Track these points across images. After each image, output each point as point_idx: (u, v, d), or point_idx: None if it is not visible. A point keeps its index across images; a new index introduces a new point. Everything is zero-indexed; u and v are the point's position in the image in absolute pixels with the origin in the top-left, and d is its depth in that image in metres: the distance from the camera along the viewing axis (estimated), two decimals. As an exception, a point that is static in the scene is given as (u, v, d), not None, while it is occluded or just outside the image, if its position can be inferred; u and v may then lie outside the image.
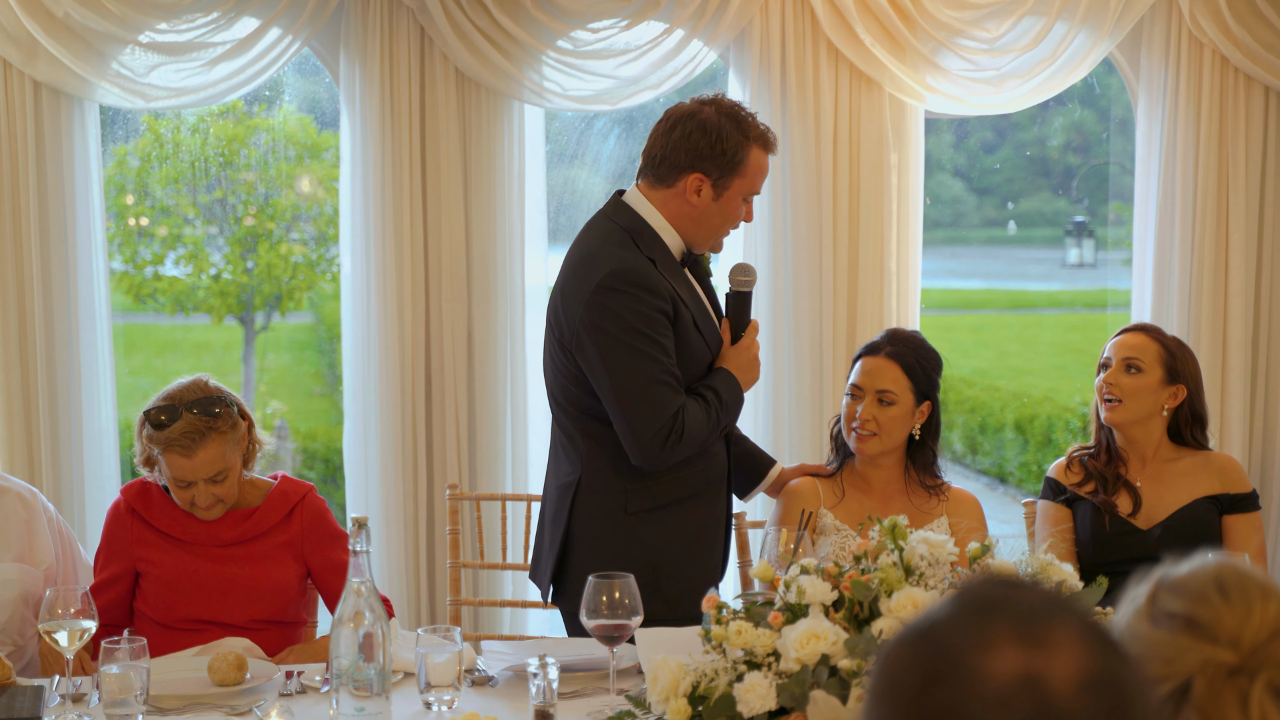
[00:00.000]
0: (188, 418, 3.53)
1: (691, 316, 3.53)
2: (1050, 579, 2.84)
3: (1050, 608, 1.34)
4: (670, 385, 3.44)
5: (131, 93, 4.87)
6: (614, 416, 3.46)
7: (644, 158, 3.58)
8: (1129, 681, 1.33)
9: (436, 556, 5.08)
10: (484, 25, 4.90)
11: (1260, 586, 1.73)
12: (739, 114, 3.52)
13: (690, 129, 3.49)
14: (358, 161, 4.99)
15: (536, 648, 3.48)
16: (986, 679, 1.29)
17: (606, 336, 3.43)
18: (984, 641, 1.31)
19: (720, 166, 3.50)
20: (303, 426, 8.81)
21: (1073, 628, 1.32)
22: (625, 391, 3.42)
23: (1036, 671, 1.29)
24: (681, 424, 3.44)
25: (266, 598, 3.65)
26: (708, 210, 3.54)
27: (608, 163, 5.92)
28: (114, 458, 5.05)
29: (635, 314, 3.42)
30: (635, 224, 3.53)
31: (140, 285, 8.52)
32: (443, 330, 5.03)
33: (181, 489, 3.58)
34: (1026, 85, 5.24)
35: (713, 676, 2.69)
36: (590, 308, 3.44)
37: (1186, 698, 1.69)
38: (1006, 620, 1.32)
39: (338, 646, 2.83)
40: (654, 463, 3.47)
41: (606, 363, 3.43)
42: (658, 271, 3.47)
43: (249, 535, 3.67)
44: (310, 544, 3.70)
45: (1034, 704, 1.28)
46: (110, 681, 2.92)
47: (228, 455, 3.57)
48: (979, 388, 10.37)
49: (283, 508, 3.70)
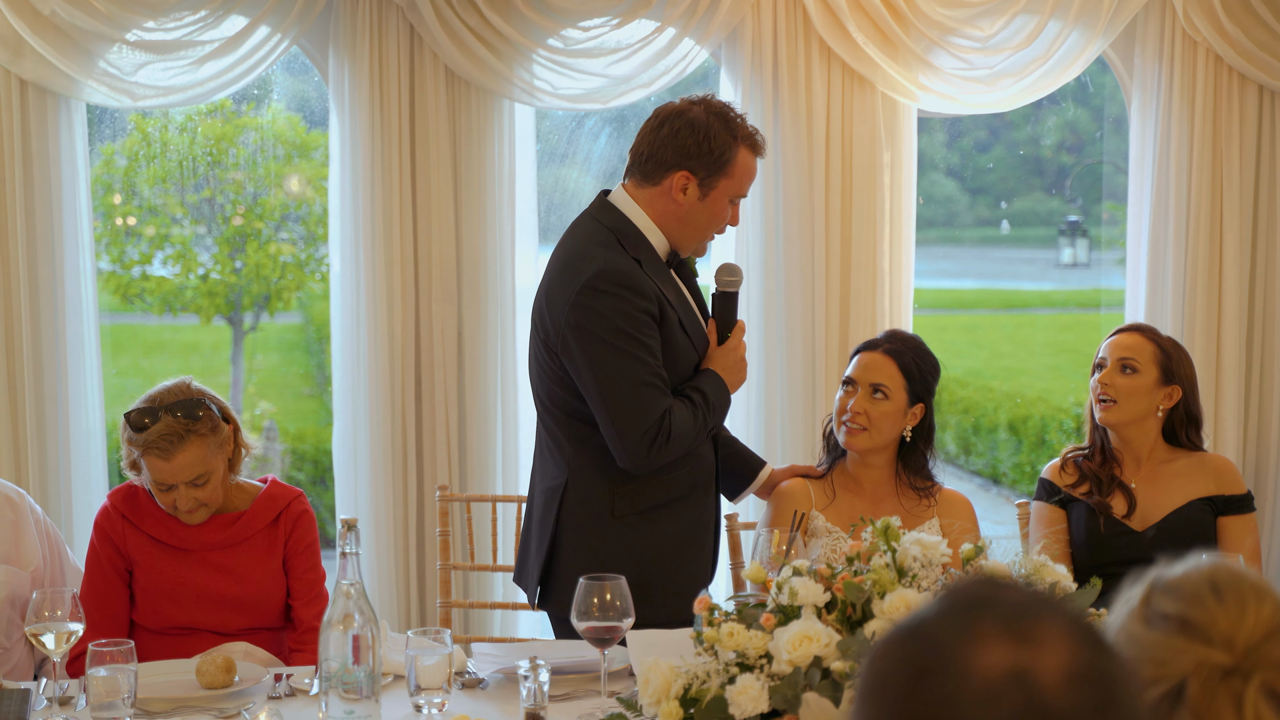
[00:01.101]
0: (167, 420, 3.50)
1: (678, 317, 3.51)
2: (1044, 580, 2.84)
3: (1037, 604, 1.35)
4: (657, 387, 3.43)
5: (119, 91, 4.86)
6: (600, 419, 3.44)
7: (631, 156, 3.57)
8: (1117, 676, 1.33)
9: (426, 558, 5.07)
10: (474, 23, 4.89)
11: (1254, 587, 1.72)
12: (728, 114, 3.51)
13: (678, 126, 3.48)
14: (347, 160, 4.99)
15: (527, 650, 3.46)
16: (975, 674, 1.29)
17: (592, 338, 3.41)
18: (972, 637, 1.31)
19: (707, 165, 3.48)
20: (291, 428, 8.79)
21: (1060, 624, 1.33)
22: (611, 393, 3.40)
23: (1025, 666, 1.29)
24: (668, 426, 3.42)
25: (252, 604, 3.63)
26: (693, 210, 3.52)
27: (598, 162, 5.91)
28: (101, 459, 5.04)
29: (621, 315, 3.40)
30: (620, 224, 3.51)
31: (128, 285, 8.50)
32: (433, 330, 5.02)
33: (162, 492, 3.56)
34: (1020, 84, 5.24)
35: (705, 679, 2.68)
36: (576, 309, 3.42)
37: (1181, 700, 1.68)
38: (994, 617, 1.32)
39: (327, 649, 2.81)
40: (641, 465, 3.45)
41: (592, 365, 3.41)
42: (643, 272, 3.46)
43: (234, 540, 3.65)
44: (289, 551, 3.67)
45: (1023, 699, 1.28)
46: (98, 684, 2.91)
47: (209, 458, 3.54)
48: (972, 388, 10.37)
49: (269, 513, 3.68)
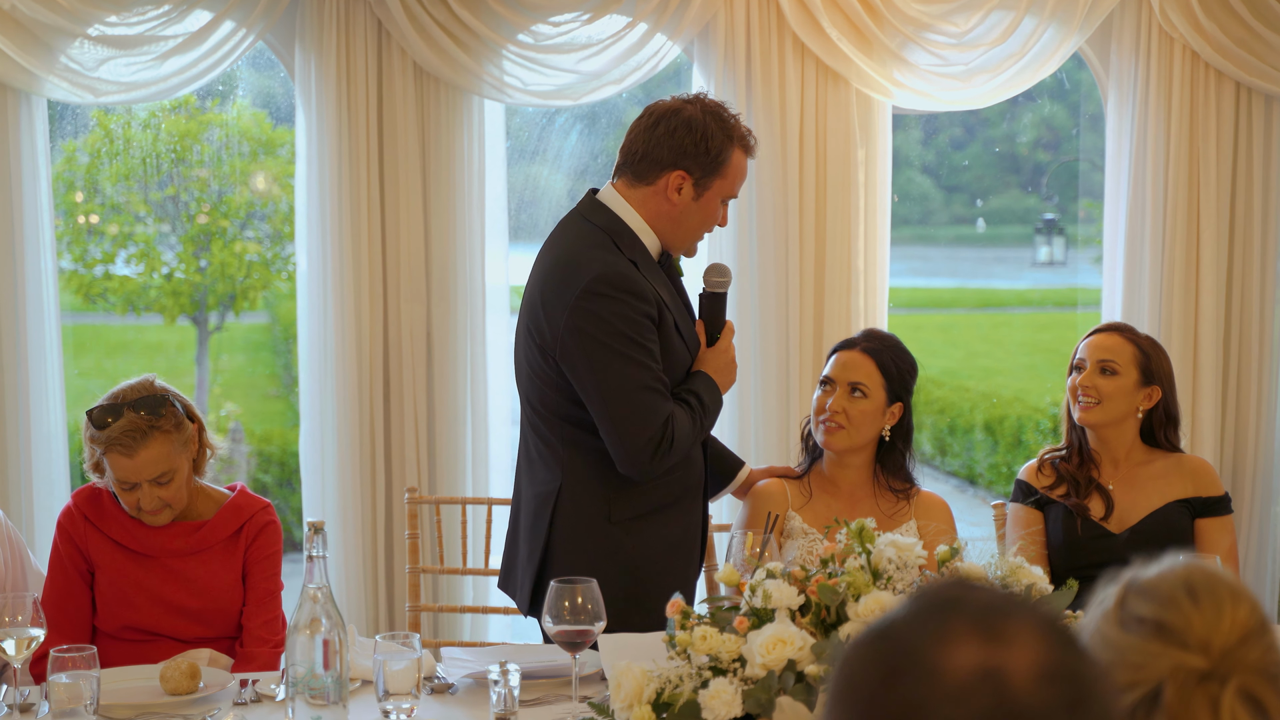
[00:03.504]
0: (130, 416, 3.47)
1: (673, 319, 3.49)
2: (1020, 582, 2.84)
3: (1008, 604, 1.36)
4: (660, 392, 3.40)
5: (81, 87, 4.85)
6: (602, 425, 3.41)
7: (622, 155, 3.54)
8: (1087, 675, 1.34)
9: (395, 561, 5.06)
10: (442, 18, 4.89)
11: (1230, 589, 1.73)
12: (723, 114, 3.50)
13: (675, 125, 3.45)
14: (314, 158, 4.97)
15: (497, 654, 3.44)
16: (946, 674, 1.30)
17: (594, 343, 3.37)
18: (942, 637, 1.32)
19: (703, 165, 3.46)
20: (258, 429, 8.77)
21: (1031, 623, 1.34)
22: (614, 399, 3.37)
23: (995, 665, 1.30)
24: (671, 431, 3.39)
25: (209, 614, 3.60)
26: (687, 210, 3.49)
27: (569, 159, 5.91)
28: (63, 462, 5.03)
29: (623, 319, 3.36)
30: (614, 225, 3.48)
31: (90, 285, 8.48)
32: (401, 330, 5.01)
33: (126, 491, 3.52)
34: (995, 80, 5.24)
35: (677, 683, 2.67)
36: (575, 313, 3.38)
37: (1157, 704, 1.68)
38: (964, 616, 1.34)
39: (293, 654, 2.78)
40: (643, 472, 3.42)
41: (594, 370, 3.38)
42: (641, 274, 3.43)
43: (195, 548, 3.61)
44: (248, 559, 3.64)
45: (993, 697, 1.29)
46: (60, 691, 2.87)
47: (172, 456, 3.51)
48: (948, 388, 10.37)
49: (233, 523, 3.65)
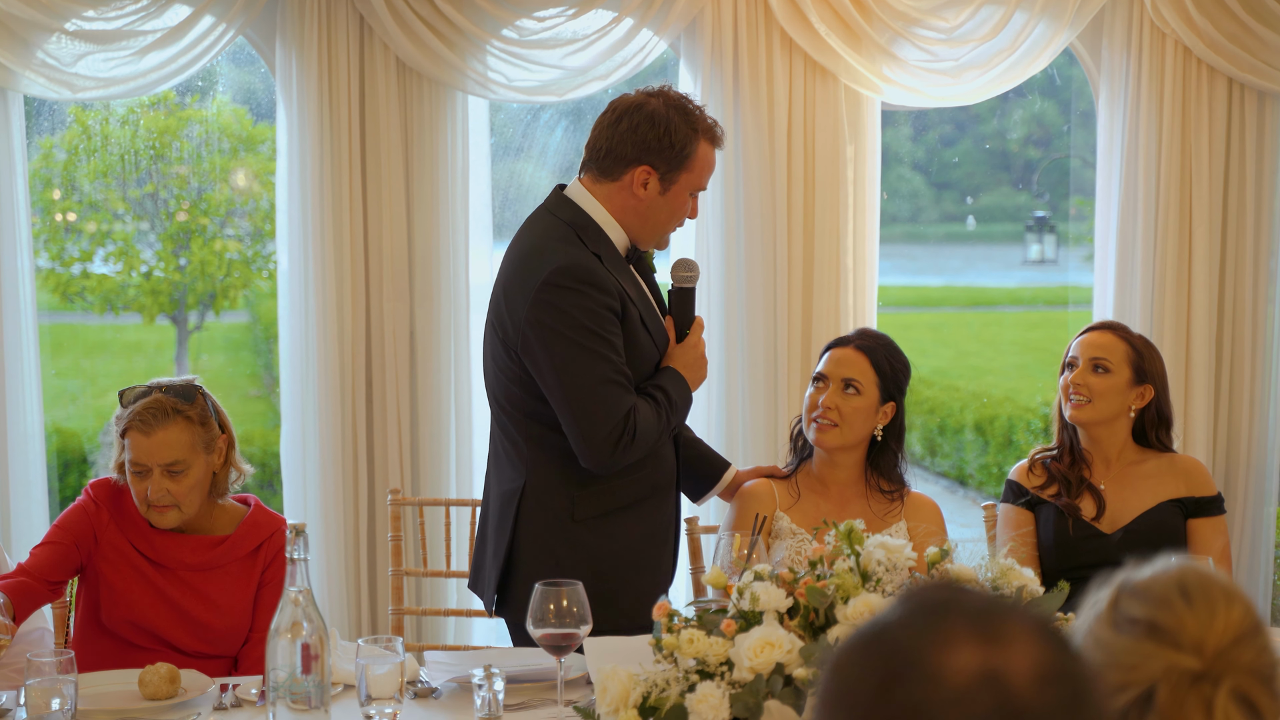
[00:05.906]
0: (157, 395, 3.53)
1: (639, 314, 3.49)
2: (1011, 584, 2.84)
3: (1001, 606, 1.36)
4: (621, 385, 3.40)
5: (58, 83, 4.84)
6: (563, 418, 3.40)
7: (588, 151, 3.55)
8: (1083, 675, 1.35)
9: (378, 564, 5.05)
10: (425, 13, 4.88)
11: (1224, 590, 1.73)
12: (687, 107, 3.50)
13: (638, 121, 3.46)
14: (295, 154, 4.96)
15: (481, 658, 3.43)
16: (946, 677, 1.30)
17: (554, 335, 3.37)
18: (940, 640, 1.32)
19: (668, 160, 3.46)
20: (238, 430, 8.70)
21: (1025, 624, 1.34)
22: (575, 392, 3.37)
23: (996, 667, 1.30)
24: (634, 424, 3.39)
25: (219, 630, 3.58)
26: (654, 204, 3.50)
27: (554, 156, 5.92)
28: (40, 462, 5.01)
29: (584, 311, 3.36)
30: (579, 219, 3.49)
31: (68, 283, 8.50)
32: (384, 329, 5.00)
33: (137, 477, 3.50)
34: (985, 76, 5.23)
35: (664, 687, 2.67)
36: (536, 306, 3.38)
37: (1150, 705, 1.68)
38: (961, 618, 1.33)
39: (274, 658, 2.76)
40: (605, 465, 3.42)
41: (555, 363, 3.38)
42: (604, 267, 3.43)
43: (215, 564, 3.61)
44: (264, 580, 3.63)
45: (995, 699, 1.29)
46: (36, 695, 2.86)
47: (191, 447, 3.53)
48: (938, 388, 10.39)
49: (253, 540, 3.65)
